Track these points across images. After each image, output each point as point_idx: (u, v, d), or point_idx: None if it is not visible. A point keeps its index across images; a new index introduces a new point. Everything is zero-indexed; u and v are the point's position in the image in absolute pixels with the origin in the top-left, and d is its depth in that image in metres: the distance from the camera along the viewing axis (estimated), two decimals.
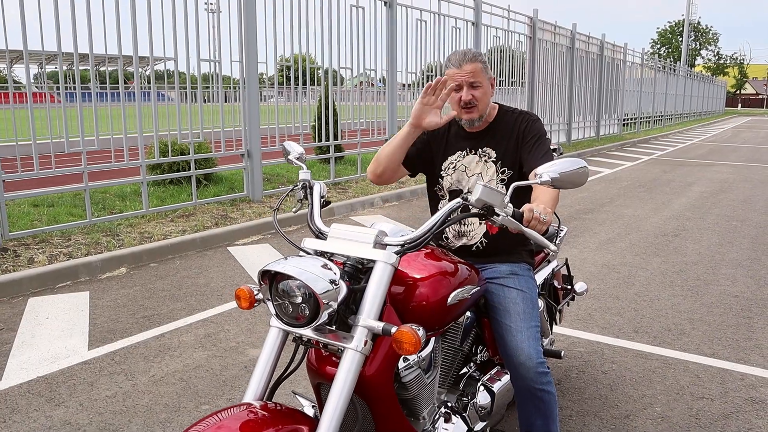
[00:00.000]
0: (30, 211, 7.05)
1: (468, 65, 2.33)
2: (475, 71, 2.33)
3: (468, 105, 2.35)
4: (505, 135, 2.44)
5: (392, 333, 1.65)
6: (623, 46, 22.25)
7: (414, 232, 1.86)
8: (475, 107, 2.36)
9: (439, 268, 2.01)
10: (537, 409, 2.27)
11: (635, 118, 25.35)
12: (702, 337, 4.13)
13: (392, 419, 1.85)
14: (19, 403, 3.19)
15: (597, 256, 6.13)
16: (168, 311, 4.53)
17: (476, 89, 2.35)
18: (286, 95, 8.80)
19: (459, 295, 2.00)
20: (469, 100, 2.34)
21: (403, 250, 1.82)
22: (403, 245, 1.82)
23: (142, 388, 3.35)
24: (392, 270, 1.77)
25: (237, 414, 1.58)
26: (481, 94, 2.36)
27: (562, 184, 1.85)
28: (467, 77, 2.33)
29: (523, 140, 2.41)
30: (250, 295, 1.84)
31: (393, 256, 1.77)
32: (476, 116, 2.39)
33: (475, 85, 2.34)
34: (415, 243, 1.83)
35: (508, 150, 2.42)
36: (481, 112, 2.39)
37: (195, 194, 7.67)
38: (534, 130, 2.42)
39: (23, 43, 5.88)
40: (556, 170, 1.84)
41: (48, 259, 5.40)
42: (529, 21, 14.97)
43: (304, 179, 2.20)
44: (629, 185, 11.10)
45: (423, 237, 1.83)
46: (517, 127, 2.43)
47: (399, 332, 1.63)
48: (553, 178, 1.83)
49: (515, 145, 2.42)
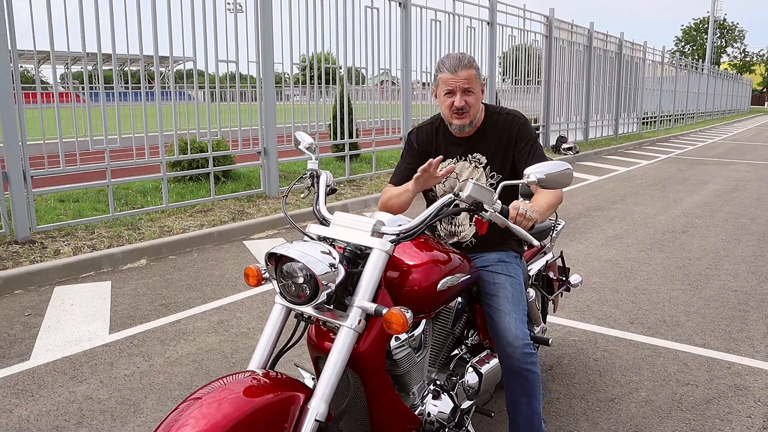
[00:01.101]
0: (56, 206, 7.39)
1: (463, 71, 2.38)
2: (470, 78, 2.39)
3: (460, 111, 2.44)
4: (495, 138, 2.54)
5: (383, 314, 1.83)
6: (642, 45, 22.16)
7: (408, 223, 2.04)
8: (467, 113, 2.45)
9: (431, 257, 2.19)
10: (522, 388, 2.43)
11: (655, 117, 25.20)
12: (695, 328, 4.26)
13: (382, 392, 2.04)
14: (46, 380, 3.45)
15: (602, 251, 6.26)
16: (184, 299, 4.77)
17: (469, 95, 2.42)
18: (309, 94, 9.02)
19: (448, 281, 2.18)
20: (461, 106, 2.42)
21: (398, 239, 1.99)
22: (398, 234, 2.00)
23: (158, 368, 3.60)
24: (387, 257, 1.95)
25: (241, 379, 1.76)
26: (474, 100, 2.43)
27: (548, 184, 2.00)
28: (462, 83, 2.39)
29: (516, 145, 2.52)
30: (258, 274, 2.04)
31: (388, 244, 1.94)
32: (467, 122, 2.48)
33: (468, 91, 2.41)
34: (409, 233, 2.00)
35: (498, 154, 2.53)
36: (472, 118, 2.48)
37: (213, 190, 7.95)
38: (526, 134, 2.53)
39: (50, 44, 6.18)
40: (543, 171, 1.99)
41: (73, 250, 5.69)
42: (545, 20, 15.03)
43: (311, 168, 2.39)
44: (643, 183, 11.16)
45: (416, 228, 2.00)
46: (507, 130, 2.54)
47: (389, 313, 1.80)
48: (539, 179, 1.99)
49: (506, 148, 2.53)
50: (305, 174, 2.39)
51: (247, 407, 1.61)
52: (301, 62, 8.98)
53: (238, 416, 1.58)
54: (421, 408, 2.25)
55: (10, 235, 5.96)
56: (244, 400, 1.63)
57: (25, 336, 4.07)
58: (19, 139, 5.89)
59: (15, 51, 5.86)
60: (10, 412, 3.11)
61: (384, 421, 2.06)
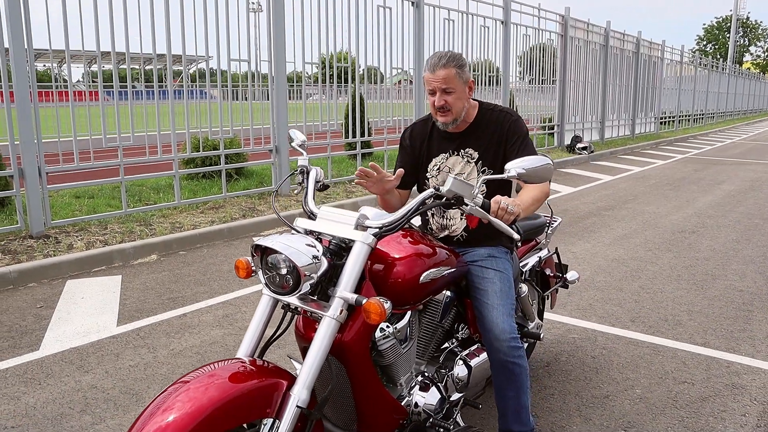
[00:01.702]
0: (72, 201, 7.54)
1: (441, 71, 2.43)
2: (448, 77, 2.43)
3: (441, 109, 2.50)
4: (487, 135, 2.60)
5: (363, 304, 1.89)
6: (661, 44, 21.95)
7: (390, 216, 2.10)
8: (449, 111, 2.50)
9: (415, 250, 2.24)
10: (509, 381, 2.47)
11: (674, 117, 24.95)
12: (697, 327, 4.26)
13: (367, 382, 2.09)
14: (53, 369, 3.56)
15: (609, 250, 6.26)
16: (192, 294, 4.87)
17: (449, 94, 2.47)
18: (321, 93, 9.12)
19: (432, 274, 2.23)
20: (441, 105, 2.48)
21: (380, 233, 2.05)
22: (380, 228, 2.05)
23: (161, 359, 3.69)
24: (369, 249, 2.00)
25: (227, 366, 1.84)
26: (454, 99, 2.48)
27: (529, 178, 2.05)
28: (440, 83, 2.44)
29: (507, 141, 2.57)
30: (247, 266, 2.11)
31: (370, 237, 2.00)
32: (450, 120, 2.53)
33: (447, 90, 2.46)
34: (391, 227, 2.06)
35: (489, 150, 2.59)
36: (455, 116, 2.53)
37: (225, 187, 8.06)
38: (517, 131, 2.58)
39: (65, 44, 6.32)
40: (523, 166, 2.05)
41: (86, 245, 5.82)
42: (560, 19, 14.97)
43: (302, 165, 2.46)
44: (656, 183, 11.09)
45: (398, 222, 2.06)
46: (499, 127, 2.59)
47: (368, 303, 1.87)
48: (519, 173, 2.04)
49: (497, 144, 2.58)
50: (296, 171, 2.46)
51: (231, 391, 1.68)
52: (317, 61, 9.05)
53: (222, 400, 1.65)
54: (408, 399, 2.30)
55: (25, 229, 6.11)
56: (229, 385, 1.70)
57: (36, 327, 4.19)
58: (34, 136, 6.03)
59: (32, 50, 6.01)
60: (18, 399, 3.22)
61: (369, 411, 2.12)
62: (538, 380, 3.46)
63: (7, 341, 3.96)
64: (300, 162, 2.46)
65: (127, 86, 7.17)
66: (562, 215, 8.03)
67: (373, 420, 2.14)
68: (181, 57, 7.51)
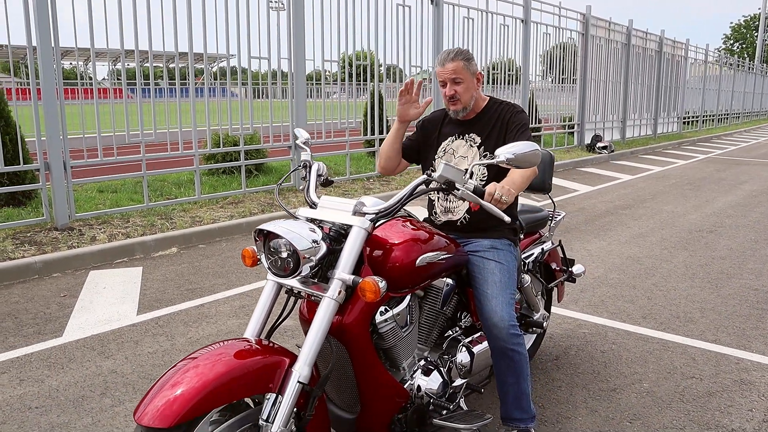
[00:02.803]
0: (95, 195, 7.74)
1: (450, 64, 2.65)
2: (456, 69, 2.64)
3: (452, 98, 2.69)
4: (491, 123, 2.75)
5: (359, 282, 1.99)
6: (685, 42, 21.71)
7: (386, 203, 2.19)
8: (458, 100, 2.69)
9: (412, 236, 2.32)
10: (509, 368, 2.54)
11: (697, 117, 24.66)
12: (709, 325, 4.27)
13: (368, 363, 2.18)
14: (75, 355, 3.69)
15: (624, 248, 6.27)
16: (210, 285, 4.99)
17: (458, 84, 2.67)
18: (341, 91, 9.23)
19: (427, 258, 2.30)
20: (451, 94, 2.68)
21: (377, 218, 2.15)
22: (377, 213, 2.15)
23: (179, 347, 3.81)
24: (365, 234, 2.10)
25: (234, 344, 1.94)
26: (463, 89, 2.67)
27: (517, 163, 2.14)
28: (449, 74, 2.66)
29: (507, 129, 2.71)
30: (253, 255, 2.22)
31: (367, 222, 2.11)
32: (459, 108, 2.72)
33: (457, 81, 2.66)
34: (387, 212, 2.16)
35: (492, 136, 2.73)
36: (464, 104, 2.71)
37: (244, 183, 8.20)
38: (518, 121, 2.72)
39: (90, 42, 6.49)
40: (512, 151, 2.13)
41: (108, 237, 5.98)
42: (581, 18, 14.91)
43: (304, 159, 2.56)
44: (676, 183, 11.01)
45: (393, 207, 2.17)
46: (502, 117, 2.74)
47: (363, 282, 1.97)
48: (508, 159, 2.13)
49: (499, 132, 2.72)
50: (299, 165, 2.56)
51: (235, 367, 1.78)
52: (336, 59, 9.16)
53: (227, 374, 1.75)
54: (410, 383, 2.37)
55: (50, 221, 6.29)
56: (234, 362, 1.80)
57: (59, 315, 4.34)
58: (60, 132, 6.21)
59: (58, 49, 6.18)
60: (42, 381, 3.36)
61: (371, 393, 2.20)
62: (546, 373, 3.51)
63: (32, 327, 4.11)
64: (303, 157, 2.56)
65: (150, 84, 7.33)
66: (578, 213, 8.04)
67: (375, 402, 2.22)
68: (203, 55, 7.66)
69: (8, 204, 6.89)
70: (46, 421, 2.97)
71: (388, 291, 2.18)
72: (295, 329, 3.97)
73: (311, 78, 13.05)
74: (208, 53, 7.57)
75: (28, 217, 6.40)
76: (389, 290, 2.19)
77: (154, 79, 7.21)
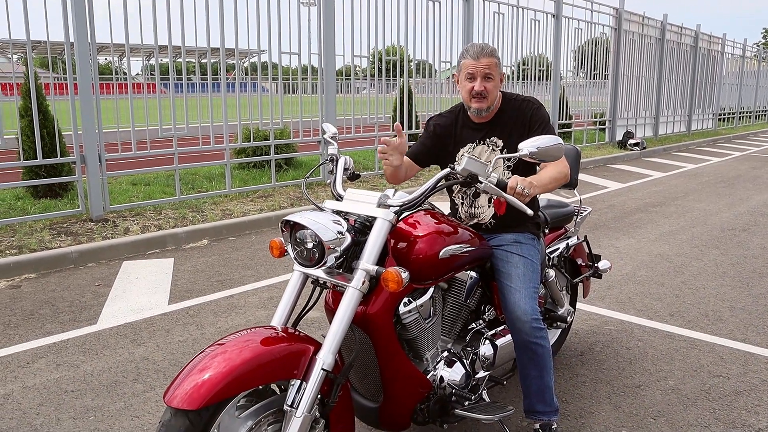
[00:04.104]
0: (129, 188, 7.92)
1: (485, 59, 2.57)
2: (491, 65, 2.57)
3: (479, 95, 2.61)
4: (511, 123, 2.69)
5: (382, 273, 2.03)
6: (722, 37, 21.25)
7: (410, 195, 2.22)
8: (486, 98, 2.61)
9: (435, 228, 2.35)
10: (532, 361, 2.56)
11: (734, 113, 24.12)
12: (738, 324, 4.21)
13: (391, 353, 2.22)
14: (109, 342, 3.81)
15: (653, 246, 6.20)
16: (239, 277, 5.09)
17: (489, 81, 2.59)
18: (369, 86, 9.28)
19: (450, 250, 2.33)
20: (481, 91, 2.59)
21: (401, 210, 2.19)
22: (401, 206, 2.19)
23: (209, 336, 3.90)
24: (390, 225, 2.14)
25: (260, 331, 2.00)
26: (493, 86, 2.61)
27: (540, 157, 2.16)
28: (483, 69, 2.57)
29: (530, 128, 2.65)
30: (281, 246, 2.27)
31: (391, 214, 2.14)
32: (485, 106, 2.64)
33: (489, 77, 2.59)
34: (411, 204, 2.20)
35: (514, 137, 2.64)
36: (490, 103, 2.64)
37: (274, 177, 8.30)
38: (539, 118, 2.66)
39: (125, 38, 6.64)
40: (536, 145, 2.15)
41: (141, 229, 6.13)
42: (614, 12, 14.70)
43: (331, 153, 2.60)
44: (710, 181, 10.82)
45: (416, 200, 2.20)
46: (522, 115, 2.68)
47: (386, 272, 2.01)
48: (531, 152, 2.15)
49: (520, 132, 2.65)
50: (326, 159, 2.59)
51: (261, 353, 1.84)
52: (366, 55, 9.21)
53: (253, 360, 1.81)
54: (433, 374, 2.41)
55: (85, 213, 6.47)
56: (260, 348, 1.85)
57: (94, 303, 4.47)
58: (96, 126, 6.37)
59: (94, 45, 6.34)
60: (77, 366, 3.48)
61: (394, 382, 2.24)
62: (570, 368, 3.51)
63: (68, 315, 4.25)
64: (330, 151, 2.60)
65: (182, 79, 7.46)
66: (608, 210, 7.97)
67: (398, 391, 2.26)
68: (234, 51, 7.77)
69: (46, 196, 7.10)
70: (81, 404, 3.07)
71: (411, 282, 2.22)
72: (320, 320, 4.04)
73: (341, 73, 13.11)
74: (239, 49, 7.69)
75: (64, 209, 6.59)
76: (413, 282, 2.23)
77: (186, 74, 7.35)
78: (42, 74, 7.58)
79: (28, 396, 3.16)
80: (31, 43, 6.11)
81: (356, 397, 2.38)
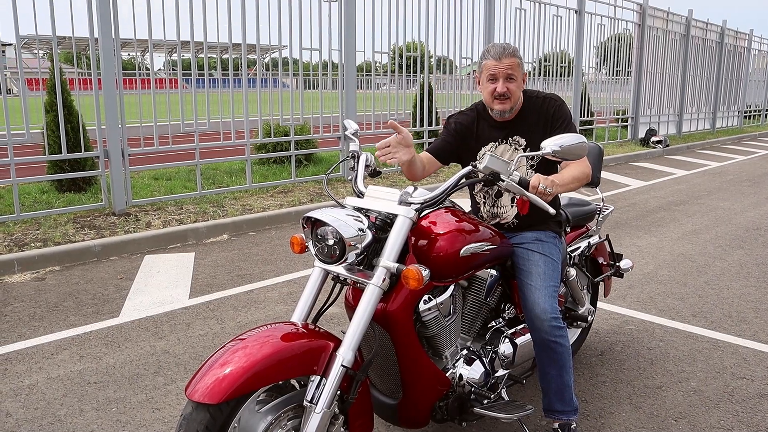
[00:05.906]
0: (151, 183, 8.01)
1: (507, 59, 2.51)
2: (513, 65, 2.51)
3: (502, 96, 2.56)
4: (533, 121, 2.65)
5: (402, 271, 2.03)
6: (748, 33, 20.88)
7: (431, 193, 2.21)
8: (508, 99, 2.56)
9: (456, 226, 2.35)
10: (551, 360, 2.54)
11: (761, 110, 23.71)
12: (763, 325, 4.15)
13: (411, 350, 2.22)
14: (131, 335, 3.86)
15: (676, 245, 6.12)
16: (259, 272, 5.12)
17: (511, 82, 2.54)
18: (390, 82, 9.28)
19: (471, 249, 2.32)
20: (503, 92, 2.53)
21: (422, 207, 2.18)
22: (422, 203, 2.19)
23: (228, 330, 3.93)
24: (410, 223, 2.13)
25: (281, 327, 2.02)
26: (515, 87, 2.55)
27: (563, 155, 2.15)
28: (505, 69, 2.51)
29: (552, 126, 2.61)
30: (302, 242, 2.28)
31: (412, 211, 2.14)
32: (508, 107, 2.58)
33: (511, 78, 2.53)
34: (432, 202, 2.19)
35: (536, 136, 2.62)
36: (512, 104, 2.59)
37: (294, 173, 8.33)
38: (561, 115, 2.62)
39: (148, 34, 6.70)
40: (558, 143, 2.14)
41: (162, 224, 6.19)
42: (638, 8, 14.51)
43: (353, 150, 2.60)
44: (734, 179, 10.65)
45: (438, 197, 2.20)
46: (544, 113, 2.63)
47: (407, 270, 2.01)
48: (554, 150, 2.13)
49: (543, 130, 2.62)
50: (348, 156, 2.60)
51: (281, 348, 1.85)
52: (387, 51, 9.20)
53: (273, 356, 1.82)
54: (452, 371, 2.41)
55: (108, 207, 6.56)
56: (281, 343, 1.87)
57: (116, 296, 4.53)
58: (119, 121, 6.44)
59: (118, 40, 6.41)
60: (100, 359, 3.53)
61: (413, 379, 2.24)
62: (590, 368, 3.48)
63: (91, 307, 4.31)
64: (351, 147, 2.60)
65: (204, 75, 7.52)
66: (629, 209, 7.88)
67: (417, 388, 2.26)
68: (256, 46, 7.81)
69: (70, 190, 7.21)
70: (104, 396, 3.12)
71: (431, 280, 2.21)
72: (340, 316, 4.05)
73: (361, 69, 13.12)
74: (260, 44, 7.72)
75: (87, 203, 6.68)
76: (433, 279, 2.22)
77: (208, 69, 7.40)
78: (67, 69, 7.67)
79: (53, 387, 3.21)
80: (56, 39, 6.19)
81: (375, 393, 2.39)
